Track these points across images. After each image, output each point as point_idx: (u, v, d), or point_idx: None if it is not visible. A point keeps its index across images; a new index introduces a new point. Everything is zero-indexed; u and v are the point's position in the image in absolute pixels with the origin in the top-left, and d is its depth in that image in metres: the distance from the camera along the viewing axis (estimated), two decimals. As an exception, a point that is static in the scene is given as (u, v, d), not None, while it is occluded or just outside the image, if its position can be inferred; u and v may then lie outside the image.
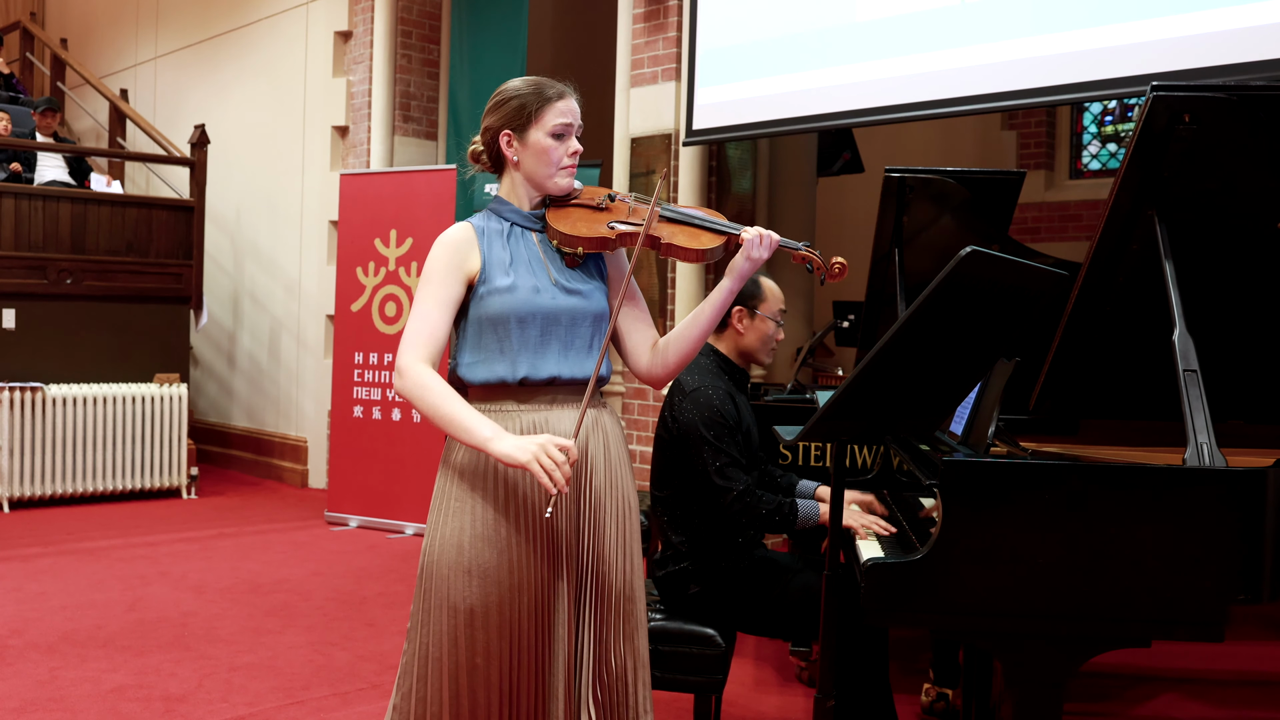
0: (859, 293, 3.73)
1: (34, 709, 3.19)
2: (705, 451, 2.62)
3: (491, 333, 1.92)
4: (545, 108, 1.97)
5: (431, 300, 1.91)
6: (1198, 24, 3.68)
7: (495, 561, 1.88)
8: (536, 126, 1.97)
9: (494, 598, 1.87)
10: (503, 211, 2.02)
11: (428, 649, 1.89)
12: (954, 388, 2.13)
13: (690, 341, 2.01)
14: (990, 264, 1.71)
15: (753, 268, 1.96)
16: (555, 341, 1.93)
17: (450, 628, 1.87)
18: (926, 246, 3.37)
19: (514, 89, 2.01)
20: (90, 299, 6.71)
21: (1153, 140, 2.11)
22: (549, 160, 1.98)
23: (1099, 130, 7.78)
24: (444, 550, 1.89)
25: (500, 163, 2.03)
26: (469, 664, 1.87)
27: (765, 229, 1.96)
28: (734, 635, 2.73)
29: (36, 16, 10.61)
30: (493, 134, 2.00)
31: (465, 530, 1.89)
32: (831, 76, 4.81)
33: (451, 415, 1.85)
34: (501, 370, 1.92)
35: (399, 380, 1.87)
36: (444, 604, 1.88)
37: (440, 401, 1.85)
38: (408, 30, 7.10)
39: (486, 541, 1.88)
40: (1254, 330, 2.38)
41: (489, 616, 1.87)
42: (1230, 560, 1.83)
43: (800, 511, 2.63)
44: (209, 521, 6.20)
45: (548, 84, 2.01)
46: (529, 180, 2.00)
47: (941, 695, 3.20)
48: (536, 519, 1.90)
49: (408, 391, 1.86)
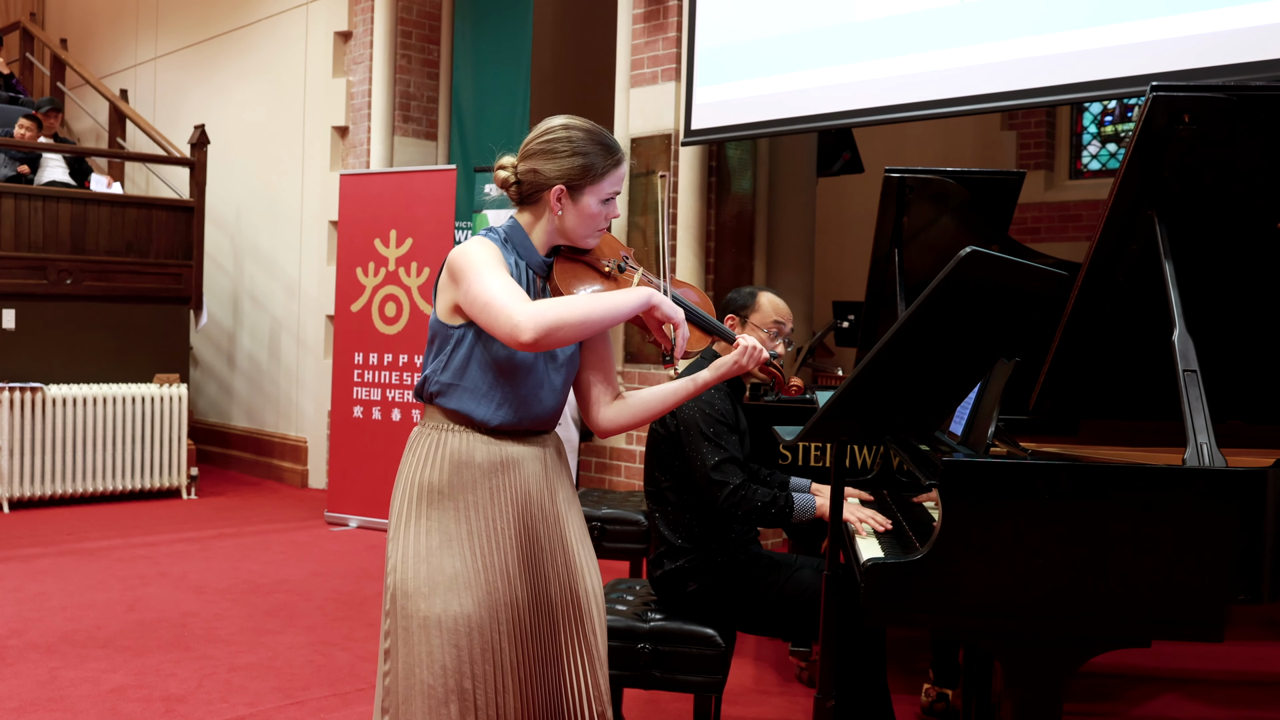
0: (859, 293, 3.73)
1: (34, 709, 3.19)
2: (704, 447, 2.62)
3: (481, 370, 1.88)
4: (606, 176, 1.91)
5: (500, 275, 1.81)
6: (1197, 24, 3.68)
7: (472, 580, 1.85)
8: (592, 192, 1.90)
9: (475, 618, 1.84)
10: (520, 248, 1.94)
11: (414, 670, 1.84)
12: (954, 388, 2.13)
13: (650, 411, 2.01)
14: (990, 264, 1.71)
15: (736, 371, 1.95)
16: (535, 394, 1.92)
17: (436, 649, 1.83)
18: (926, 246, 3.38)
19: (578, 142, 1.90)
20: (90, 299, 6.71)
21: (1152, 140, 2.11)
22: (592, 225, 1.93)
23: (1099, 130, 7.78)
24: (417, 571, 1.85)
25: (533, 200, 1.94)
26: (459, 688, 1.83)
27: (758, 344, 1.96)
28: (734, 635, 2.73)
29: (36, 17, 10.60)
30: (542, 181, 1.90)
31: (437, 549, 1.85)
32: (831, 76, 4.81)
33: (602, 304, 1.78)
34: (482, 411, 1.88)
35: (529, 328, 1.70)
36: (429, 625, 1.83)
37: (580, 305, 1.76)
38: (408, 30, 7.09)
39: (463, 560, 1.85)
40: (1254, 330, 2.38)
41: (472, 637, 1.83)
42: (1230, 560, 1.83)
43: (796, 504, 2.64)
44: (209, 522, 6.20)
45: (609, 148, 1.92)
46: (560, 232, 1.94)
47: (941, 695, 3.19)
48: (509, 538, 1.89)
49: (545, 325, 1.71)
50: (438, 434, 1.90)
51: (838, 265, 7.48)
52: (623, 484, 5.66)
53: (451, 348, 1.89)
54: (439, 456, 1.89)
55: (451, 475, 1.87)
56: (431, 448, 1.90)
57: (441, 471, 1.88)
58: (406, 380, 6.01)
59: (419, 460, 1.91)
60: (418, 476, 1.90)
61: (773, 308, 2.82)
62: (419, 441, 1.93)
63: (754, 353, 1.95)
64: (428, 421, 1.94)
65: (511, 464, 1.90)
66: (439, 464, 1.88)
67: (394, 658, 1.87)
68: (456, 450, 1.88)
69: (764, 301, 2.82)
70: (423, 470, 1.89)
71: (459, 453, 1.88)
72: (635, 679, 2.61)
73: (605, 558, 3.98)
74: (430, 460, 1.89)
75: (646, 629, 2.61)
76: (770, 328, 2.81)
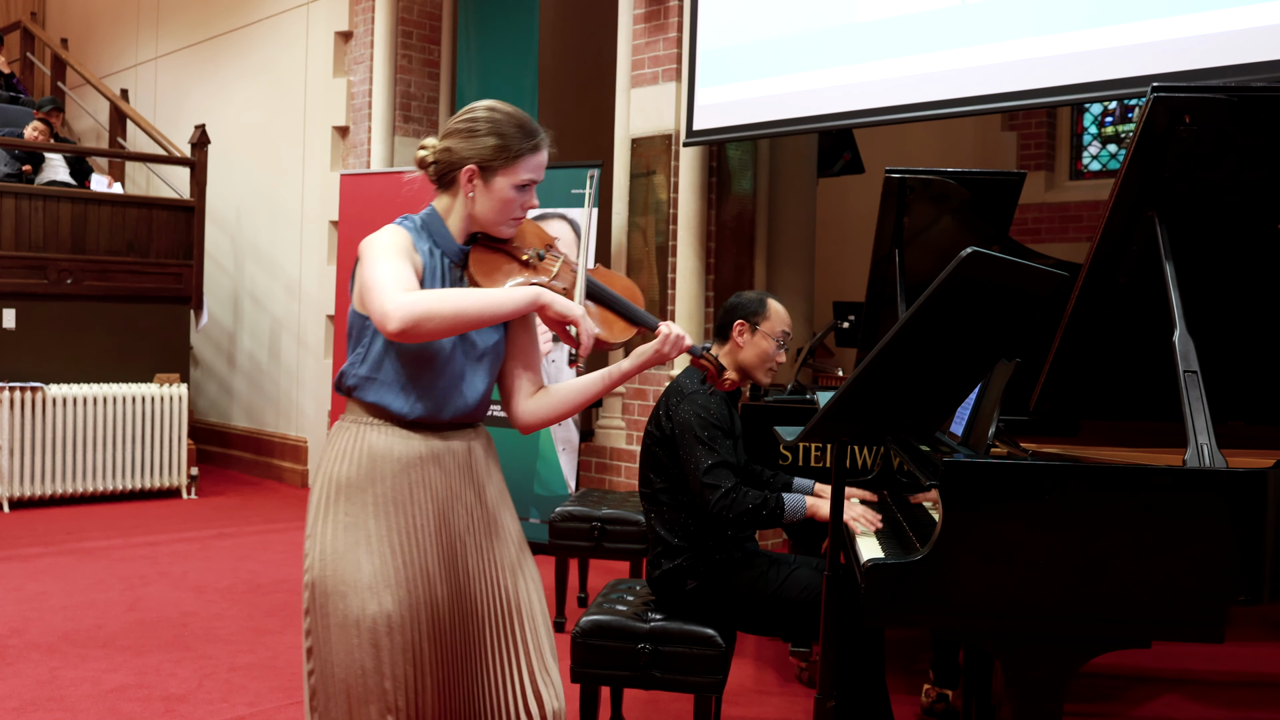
0: (859, 293, 3.73)
1: (34, 709, 3.19)
2: (698, 451, 2.63)
3: (398, 363, 1.84)
4: (520, 159, 1.87)
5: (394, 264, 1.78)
6: (1198, 25, 3.68)
7: (391, 578, 1.81)
8: (505, 175, 1.87)
9: (394, 616, 1.80)
10: (435, 235, 1.92)
11: (333, 670, 1.81)
12: (955, 389, 2.13)
13: (568, 405, 1.94)
14: (991, 265, 1.71)
15: (657, 360, 1.89)
16: (454, 386, 1.87)
17: (348, 646, 1.79)
18: (927, 247, 3.38)
19: (493, 122, 1.88)
20: (90, 299, 6.71)
21: (1153, 141, 2.11)
22: (506, 211, 1.89)
23: (1099, 131, 7.78)
24: (336, 568, 1.81)
25: (449, 184, 1.92)
26: (377, 688, 1.79)
27: (681, 331, 1.90)
28: (734, 635, 2.73)
29: (37, 16, 10.60)
30: (455, 160, 1.89)
31: (355, 546, 1.81)
32: (832, 77, 4.81)
33: (479, 300, 1.74)
34: (399, 404, 1.84)
35: (395, 318, 1.67)
36: (347, 624, 1.80)
37: (455, 298, 1.73)
38: (408, 30, 7.10)
39: (380, 557, 1.81)
40: (1254, 331, 2.38)
41: (391, 635, 1.79)
42: (1230, 561, 1.83)
43: (786, 505, 2.64)
44: (209, 521, 6.20)
45: (528, 130, 1.89)
46: (474, 217, 1.91)
47: (941, 695, 3.20)
48: (428, 534, 1.85)
49: (413, 315, 1.68)
50: (357, 428, 1.86)
51: (838, 265, 7.49)
52: (623, 484, 5.65)
53: (369, 339, 1.85)
54: (357, 451, 1.84)
55: (370, 470, 1.83)
56: (350, 442, 1.85)
57: (359, 466, 1.83)
58: (407, 380, 6.00)
59: (337, 455, 1.86)
60: (335, 472, 1.85)
61: (779, 316, 2.84)
62: (338, 436, 1.88)
63: (676, 340, 1.89)
64: (347, 415, 1.89)
65: (432, 458, 1.86)
66: (357, 459, 1.84)
67: (315, 657, 1.84)
68: (375, 445, 1.84)
69: (774, 310, 2.84)
70: (340, 465, 1.85)
71: (377, 447, 1.84)
72: (635, 679, 2.61)
73: (605, 558, 3.98)
74: (348, 455, 1.85)
75: (646, 629, 2.61)
76: (779, 336, 2.83)
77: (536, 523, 5.46)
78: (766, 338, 2.81)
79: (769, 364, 2.84)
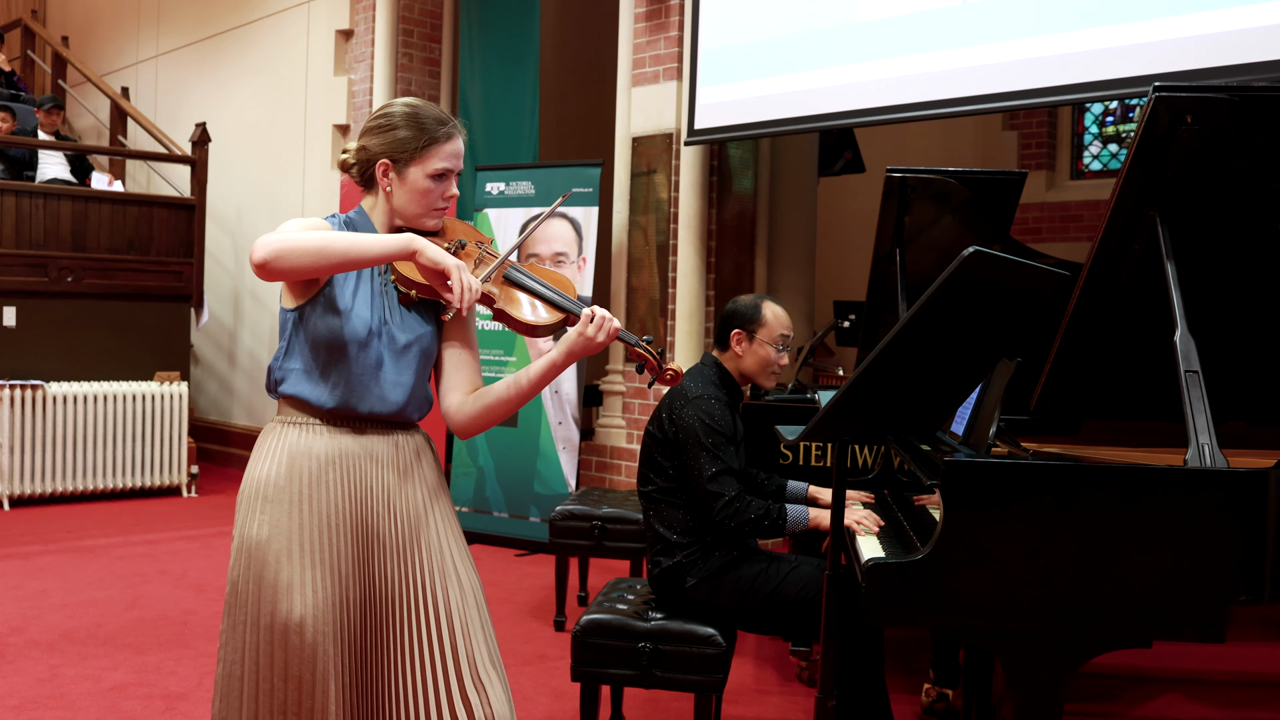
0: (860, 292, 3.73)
1: (34, 707, 3.20)
2: (702, 457, 2.63)
3: (315, 352, 1.83)
4: (431, 148, 1.86)
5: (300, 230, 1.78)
6: (1200, 25, 3.68)
7: (298, 578, 1.78)
8: (418, 165, 1.87)
9: (295, 615, 1.77)
10: (360, 230, 1.90)
11: (231, 667, 1.81)
12: (956, 388, 2.13)
13: (503, 404, 1.88)
14: (993, 264, 1.71)
15: (585, 346, 1.82)
16: (371, 375, 1.85)
17: (252, 645, 1.78)
18: (928, 246, 3.38)
19: (400, 116, 1.88)
20: (91, 297, 6.71)
21: (1155, 141, 2.11)
22: (424, 202, 1.88)
23: (1100, 131, 7.78)
24: (249, 565, 1.80)
25: (370, 182, 1.92)
26: (268, 685, 1.78)
27: (609, 315, 1.84)
28: (734, 634, 2.73)
29: (38, 14, 10.60)
30: (369, 157, 1.89)
31: (268, 544, 1.80)
32: (833, 77, 4.81)
33: (345, 241, 1.72)
34: (315, 393, 1.83)
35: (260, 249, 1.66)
36: (246, 620, 1.79)
37: (321, 237, 1.70)
38: (409, 29, 7.10)
39: (289, 556, 1.79)
40: (1255, 331, 2.38)
41: (289, 635, 1.77)
42: (1231, 561, 1.83)
43: (789, 516, 2.63)
44: (209, 520, 6.20)
45: (438, 120, 1.89)
46: (396, 212, 1.91)
47: (941, 695, 3.20)
48: (344, 535, 1.83)
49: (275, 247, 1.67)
50: (281, 428, 1.86)
51: (839, 265, 7.49)
52: (623, 483, 5.65)
53: (290, 332, 1.86)
54: (278, 450, 1.84)
55: (288, 469, 1.82)
56: (273, 442, 1.86)
57: (279, 465, 1.83)
58: (407, 379, 6.00)
59: (260, 456, 1.86)
60: (256, 472, 1.85)
61: (777, 321, 2.82)
62: (265, 437, 1.88)
63: (602, 323, 1.82)
64: (275, 416, 1.90)
65: (351, 458, 1.85)
66: (277, 458, 1.84)
67: (221, 651, 1.84)
68: (295, 444, 1.84)
69: (769, 316, 2.81)
70: (262, 465, 1.85)
71: (297, 446, 1.83)
72: (636, 678, 2.61)
73: (605, 556, 3.98)
74: (270, 455, 1.85)
75: (647, 628, 2.61)
76: (777, 341, 2.82)
77: (537, 521, 5.46)
78: (764, 344, 2.80)
79: (770, 369, 2.83)
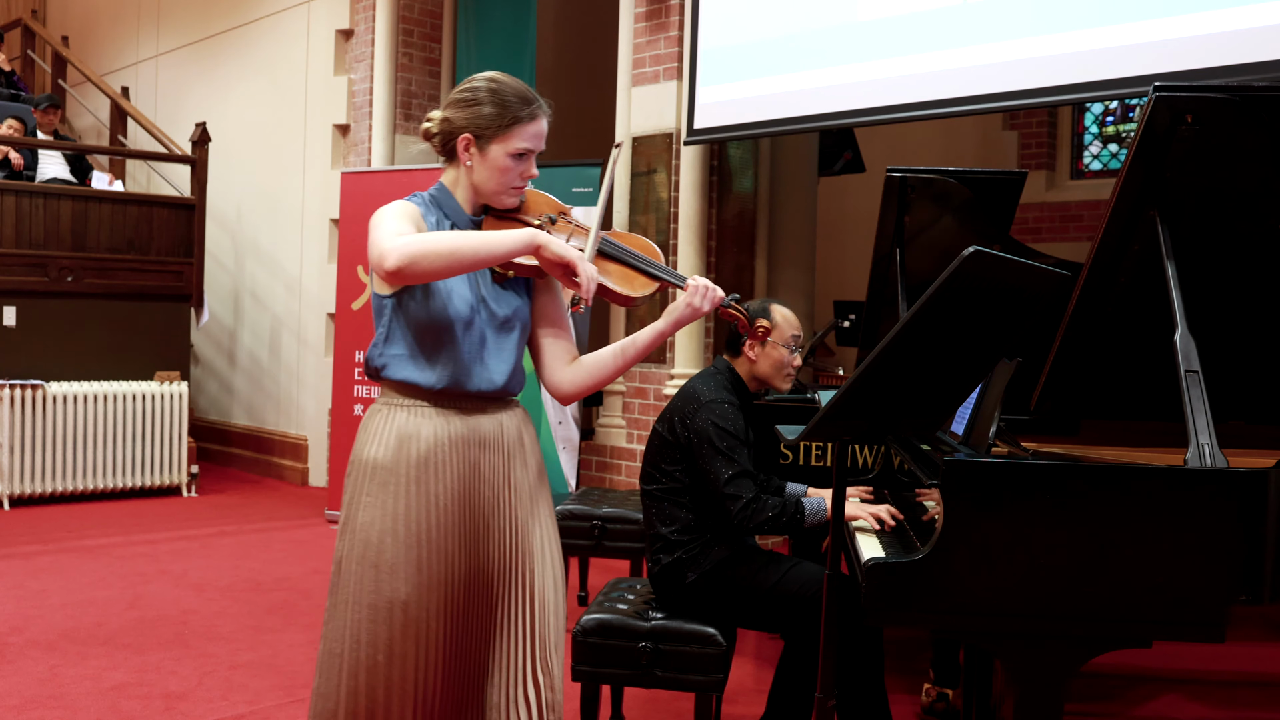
0: (860, 292, 3.73)
1: (34, 707, 3.20)
2: (718, 461, 2.63)
3: (419, 335, 1.85)
4: (515, 127, 1.87)
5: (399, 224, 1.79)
6: (1200, 25, 3.68)
7: (404, 557, 1.83)
8: (500, 142, 1.87)
9: (400, 594, 1.82)
10: (445, 207, 1.93)
11: (331, 644, 1.85)
12: (956, 388, 2.13)
13: (608, 371, 1.94)
14: (993, 264, 1.71)
15: (692, 316, 1.90)
16: (477, 354, 1.88)
17: (354, 623, 1.83)
18: (928, 246, 3.38)
19: (487, 92, 1.89)
20: (91, 297, 6.71)
21: (1155, 141, 2.11)
22: (503, 180, 1.89)
23: (1100, 131, 7.78)
24: (354, 545, 1.85)
25: (452, 154, 1.93)
26: (369, 661, 1.82)
27: (710, 283, 1.91)
28: (735, 634, 2.73)
29: (38, 14, 10.60)
30: (451, 129, 1.90)
31: (374, 525, 1.84)
32: (833, 76, 4.81)
33: (474, 240, 1.74)
34: (423, 376, 1.86)
35: (392, 255, 1.69)
36: (349, 600, 1.84)
37: (450, 238, 1.73)
38: (409, 29, 7.09)
39: (395, 537, 1.83)
40: (1255, 331, 2.38)
41: (393, 613, 1.82)
42: (1231, 561, 1.83)
43: (807, 509, 2.64)
44: (209, 519, 6.20)
45: (523, 99, 1.89)
46: (474, 188, 1.92)
47: (941, 695, 3.20)
48: (451, 515, 1.87)
49: (408, 252, 1.69)
50: (388, 410, 1.89)
51: (839, 265, 7.48)
52: (623, 482, 5.66)
53: (388, 317, 1.87)
54: (386, 432, 1.87)
55: (396, 451, 1.85)
56: (380, 424, 1.88)
57: (386, 448, 1.86)
58: (407, 378, 6.01)
59: (369, 437, 1.89)
60: (363, 454, 1.89)
61: (787, 322, 2.84)
62: (371, 419, 1.91)
63: (707, 293, 1.90)
64: (380, 398, 1.92)
65: (459, 439, 1.87)
66: (385, 440, 1.86)
67: (324, 629, 1.88)
68: (403, 426, 1.86)
69: (779, 318, 2.83)
70: (370, 447, 1.88)
71: (405, 428, 1.86)
72: (636, 678, 2.61)
73: (605, 557, 3.98)
74: (377, 437, 1.88)
75: (647, 628, 2.61)
76: (789, 342, 2.83)
77: (537, 521, 5.45)
78: (777, 346, 2.82)
79: (785, 370, 2.84)
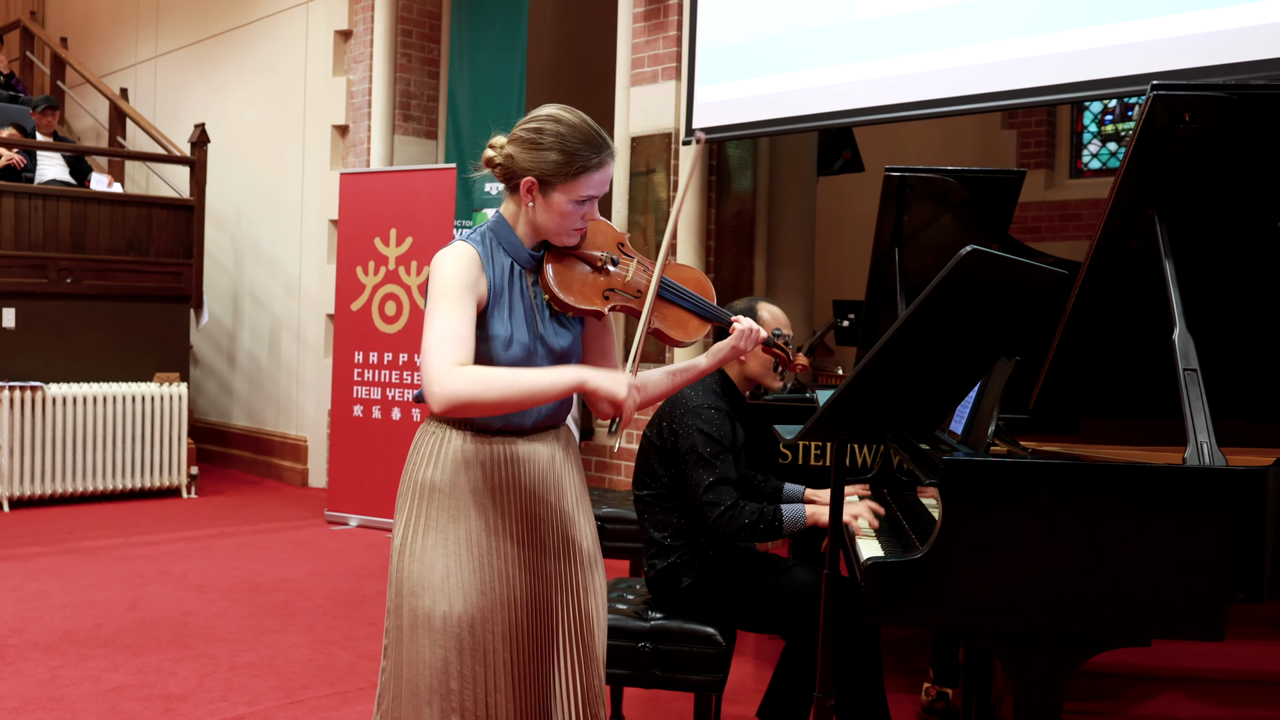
0: (859, 292, 3.73)
1: (34, 708, 3.20)
2: (700, 469, 2.63)
3: None
4: (581, 177, 1.83)
5: (453, 313, 1.77)
6: (1198, 23, 3.68)
7: (468, 581, 1.84)
8: (564, 190, 1.83)
9: (469, 619, 1.83)
10: (505, 242, 1.90)
11: (401, 668, 1.85)
12: (954, 387, 2.13)
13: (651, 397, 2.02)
14: (991, 263, 1.71)
15: (733, 356, 2.02)
16: None
17: (428, 648, 1.83)
18: (927, 245, 3.38)
19: (554, 136, 1.83)
20: (90, 298, 6.71)
21: (1153, 139, 2.11)
22: (564, 224, 1.87)
23: (1099, 129, 7.78)
24: (420, 568, 1.84)
25: (514, 189, 1.89)
26: (444, 687, 1.82)
27: (754, 325, 2.01)
28: (734, 634, 2.72)
29: (37, 15, 10.60)
30: (515, 169, 1.86)
31: (436, 548, 1.84)
32: (831, 75, 4.81)
33: (530, 382, 1.76)
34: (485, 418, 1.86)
35: (441, 389, 1.69)
36: (418, 623, 1.84)
37: (508, 379, 1.75)
38: (408, 29, 7.09)
39: (458, 561, 1.84)
40: (1254, 329, 2.38)
41: (462, 638, 1.83)
42: (1230, 559, 1.83)
43: (785, 517, 2.62)
44: (209, 521, 6.20)
45: (592, 146, 1.84)
46: (534, 226, 1.89)
47: (941, 695, 3.20)
48: (510, 538, 1.88)
49: (461, 393, 1.70)
50: (442, 431, 1.89)
51: (838, 264, 7.48)
52: (622, 483, 5.65)
53: None
54: (442, 454, 1.87)
55: (454, 474, 1.86)
56: (435, 446, 1.88)
57: (443, 470, 1.87)
58: (406, 379, 6.02)
59: (423, 458, 1.89)
60: (419, 475, 1.89)
61: (774, 320, 2.82)
62: (424, 439, 1.91)
63: (751, 334, 2.00)
64: (433, 418, 1.92)
65: (515, 462, 1.89)
66: (441, 463, 1.87)
67: (388, 654, 1.89)
68: (460, 450, 1.87)
69: (766, 317, 2.81)
70: (425, 469, 1.88)
71: (463, 453, 1.87)
72: (636, 678, 2.61)
73: (605, 556, 3.96)
74: (433, 459, 1.88)
75: (647, 628, 2.61)
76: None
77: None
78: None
79: (776, 370, 2.84)
